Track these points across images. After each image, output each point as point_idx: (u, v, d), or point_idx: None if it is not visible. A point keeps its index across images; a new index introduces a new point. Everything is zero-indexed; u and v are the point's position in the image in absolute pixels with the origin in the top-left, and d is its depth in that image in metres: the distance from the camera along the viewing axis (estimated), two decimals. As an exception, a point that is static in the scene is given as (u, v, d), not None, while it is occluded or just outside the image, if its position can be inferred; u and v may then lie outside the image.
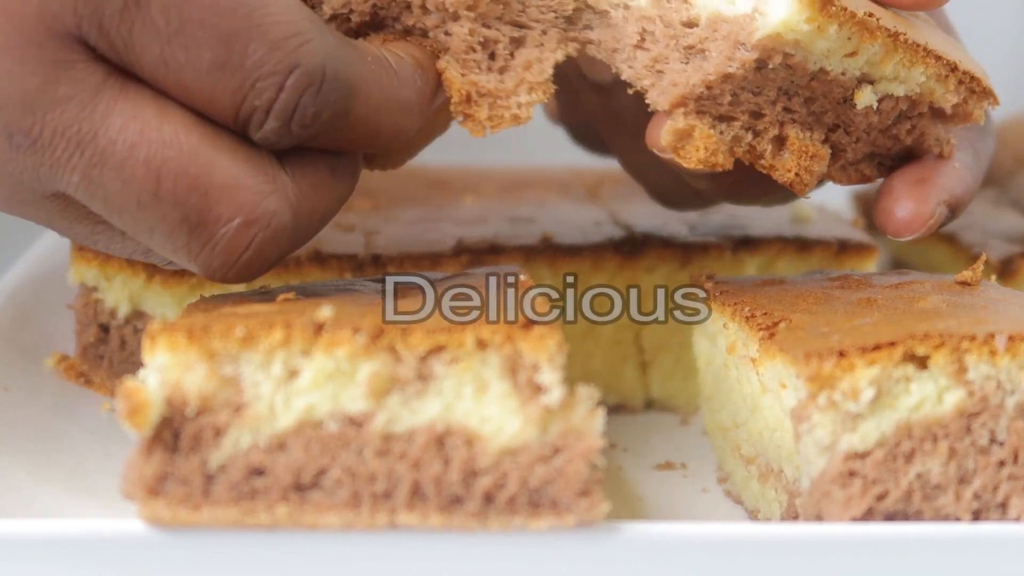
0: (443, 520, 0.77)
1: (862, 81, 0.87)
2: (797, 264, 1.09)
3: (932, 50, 0.87)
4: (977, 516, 0.80)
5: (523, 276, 0.86)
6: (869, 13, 0.85)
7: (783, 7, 0.83)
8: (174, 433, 0.77)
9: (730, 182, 0.94)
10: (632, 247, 1.08)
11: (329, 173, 0.84)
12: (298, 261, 1.05)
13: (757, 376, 0.87)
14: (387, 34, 0.89)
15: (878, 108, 0.88)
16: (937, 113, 0.90)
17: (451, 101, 0.88)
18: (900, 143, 0.91)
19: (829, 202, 1.21)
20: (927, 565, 0.77)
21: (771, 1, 0.84)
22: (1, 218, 0.86)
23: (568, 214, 1.16)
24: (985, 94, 0.90)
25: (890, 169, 0.92)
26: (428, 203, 1.19)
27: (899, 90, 0.88)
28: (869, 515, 0.79)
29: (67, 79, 0.78)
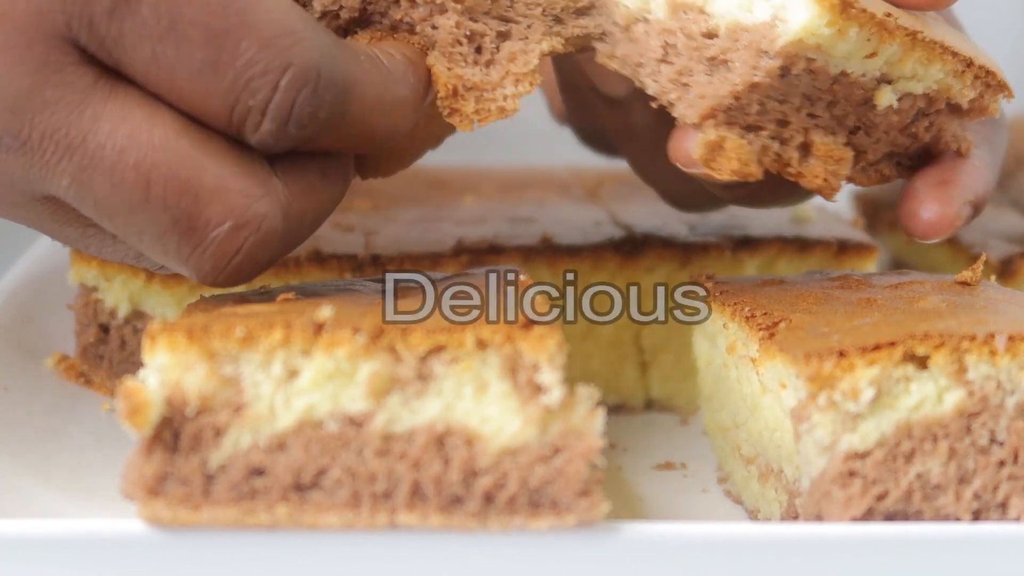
0: (443, 520, 0.77)
1: (881, 81, 0.87)
2: (797, 264, 1.09)
3: (948, 47, 0.87)
4: (977, 516, 0.80)
5: (523, 276, 0.86)
6: (887, 13, 0.85)
7: (804, 12, 0.83)
8: (174, 433, 0.77)
9: (750, 188, 0.94)
10: (632, 247, 1.08)
11: (320, 176, 0.84)
12: (298, 261, 1.05)
13: (757, 376, 0.87)
14: (375, 31, 0.89)
15: (898, 107, 0.88)
16: (954, 108, 0.90)
17: (437, 96, 0.88)
18: (918, 141, 0.91)
19: (829, 202, 1.21)
20: (927, 565, 0.77)
21: (791, 7, 0.84)
22: (1, 218, 0.86)
23: (568, 214, 1.15)
24: (1000, 87, 0.90)
25: (908, 168, 0.92)
26: (428, 203, 1.19)
27: (917, 88, 0.88)
28: (869, 515, 0.79)
29: (56, 81, 0.78)
